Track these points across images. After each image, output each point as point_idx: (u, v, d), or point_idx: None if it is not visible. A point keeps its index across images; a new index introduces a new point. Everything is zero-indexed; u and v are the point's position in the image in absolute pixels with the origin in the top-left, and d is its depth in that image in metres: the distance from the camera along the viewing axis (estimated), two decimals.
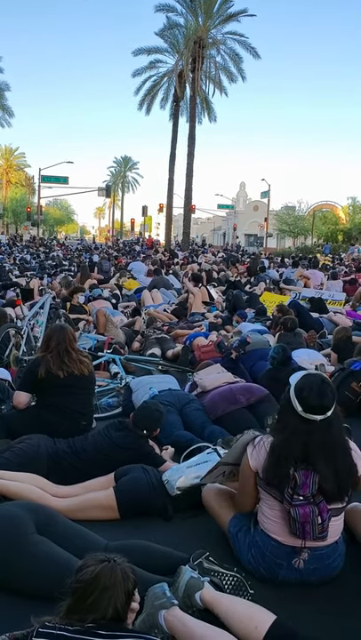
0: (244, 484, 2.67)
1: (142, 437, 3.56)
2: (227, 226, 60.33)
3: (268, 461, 2.45)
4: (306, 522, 2.33)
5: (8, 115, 37.81)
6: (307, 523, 2.33)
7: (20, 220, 57.19)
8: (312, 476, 2.37)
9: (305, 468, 2.39)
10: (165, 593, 2.13)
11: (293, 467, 2.39)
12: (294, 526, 2.36)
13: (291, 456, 2.40)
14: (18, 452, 3.40)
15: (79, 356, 4.05)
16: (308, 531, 2.34)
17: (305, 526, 2.33)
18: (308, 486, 2.35)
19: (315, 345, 7.42)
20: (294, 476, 2.37)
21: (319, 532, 2.35)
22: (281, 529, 2.46)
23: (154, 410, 3.69)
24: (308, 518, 2.32)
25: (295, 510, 2.34)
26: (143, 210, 52.93)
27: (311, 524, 2.33)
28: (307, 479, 2.36)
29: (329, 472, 2.37)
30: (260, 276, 15.56)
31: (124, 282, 14.15)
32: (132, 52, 33.27)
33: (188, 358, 6.68)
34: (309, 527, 2.33)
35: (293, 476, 2.37)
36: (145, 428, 3.57)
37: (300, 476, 2.37)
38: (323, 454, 2.39)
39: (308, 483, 2.36)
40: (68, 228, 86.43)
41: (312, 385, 2.42)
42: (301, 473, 2.37)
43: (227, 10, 31.36)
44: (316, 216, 46.17)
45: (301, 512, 2.33)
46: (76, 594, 1.76)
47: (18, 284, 11.40)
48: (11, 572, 2.34)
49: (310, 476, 2.37)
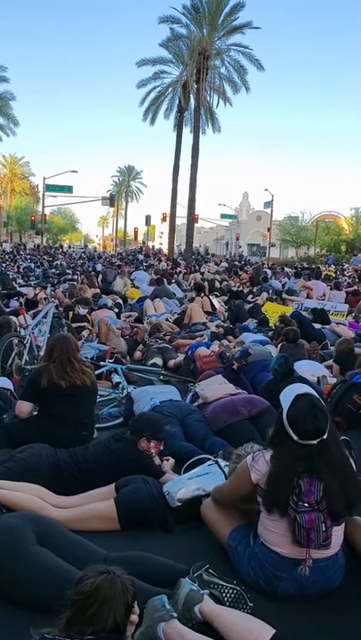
0: (235, 489, 2.70)
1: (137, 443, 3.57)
2: (230, 235, 60.41)
3: (272, 485, 2.45)
4: (311, 528, 2.34)
5: (13, 124, 38.09)
6: (312, 529, 2.34)
7: (24, 228, 57.42)
8: (316, 484, 2.39)
9: (309, 475, 2.40)
10: (165, 605, 2.12)
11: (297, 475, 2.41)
12: (299, 533, 2.36)
13: (291, 480, 2.42)
14: (19, 462, 3.41)
15: (82, 365, 4.06)
16: (313, 538, 2.35)
17: (310, 533, 2.35)
18: (313, 493, 2.38)
19: (317, 356, 7.40)
20: (299, 483, 2.39)
21: (323, 539, 2.36)
22: (282, 541, 2.46)
23: (155, 418, 3.75)
24: (313, 525, 2.34)
25: (301, 517, 2.35)
26: (146, 219, 53.06)
27: (316, 531, 2.34)
28: (311, 486, 2.38)
29: (336, 486, 2.41)
30: (263, 285, 15.58)
31: (126, 290, 14.20)
32: (137, 62, 33.56)
33: (189, 368, 6.69)
34: (314, 534, 2.35)
35: (298, 484, 2.39)
36: (143, 431, 3.57)
37: (304, 484, 2.39)
38: (328, 470, 2.43)
39: (313, 490, 2.38)
40: (71, 236, 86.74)
41: (305, 413, 2.48)
42: (306, 480, 2.39)
43: (231, 22, 31.59)
44: (319, 226, 46.27)
45: (307, 518, 2.35)
46: (75, 605, 1.77)
47: (22, 294, 11.46)
48: (10, 582, 2.34)
49: (315, 484, 2.39)
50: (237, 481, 2.66)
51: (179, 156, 35.31)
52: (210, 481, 3.17)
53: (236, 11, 30.99)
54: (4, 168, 64.01)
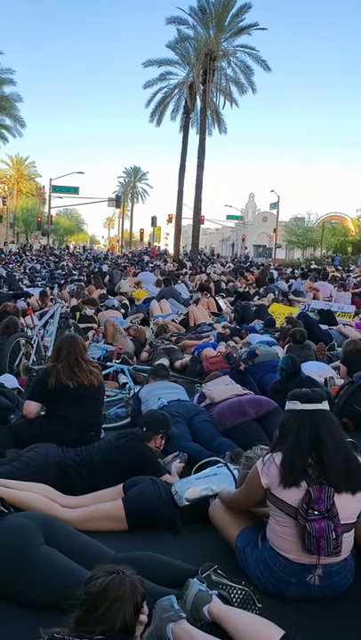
0: (249, 496, 2.69)
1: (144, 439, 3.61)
2: (235, 236, 60.37)
3: (284, 462, 2.46)
4: (321, 537, 2.32)
5: (20, 125, 38.23)
6: (322, 538, 2.32)
7: (30, 229, 57.68)
8: (326, 491, 2.37)
9: (319, 483, 2.39)
10: (173, 606, 2.12)
11: (307, 481, 2.39)
12: (309, 542, 2.34)
13: (304, 449, 2.45)
14: (27, 461, 3.42)
15: (89, 366, 4.07)
16: (323, 546, 2.33)
17: (320, 541, 2.33)
18: (323, 501, 2.36)
19: (324, 357, 7.38)
20: (309, 491, 2.37)
21: (334, 547, 2.34)
22: (292, 546, 2.45)
23: (167, 416, 3.82)
24: (323, 533, 2.32)
25: (311, 525, 2.33)
26: (152, 220, 53.20)
27: (326, 540, 2.33)
28: (321, 494, 2.36)
29: (340, 459, 2.43)
30: (269, 287, 15.57)
31: (133, 291, 14.22)
32: (143, 63, 33.68)
33: (196, 369, 6.68)
34: (324, 542, 2.33)
35: (308, 492, 2.37)
36: (150, 427, 3.64)
37: (314, 491, 2.37)
38: (333, 440, 2.47)
39: (323, 498, 2.36)
40: (77, 237, 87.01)
41: (302, 384, 2.71)
42: (316, 488, 2.37)
43: (238, 23, 31.66)
44: (325, 227, 46.16)
45: (317, 527, 2.33)
46: (84, 605, 1.76)
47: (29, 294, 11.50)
48: (19, 582, 2.34)
49: (325, 491, 2.37)
50: (249, 487, 2.65)
51: (185, 157, 35.41)
52: (218, 481, 3.17)
53: (242, 12, 31.11)
54: (10, 169, 64.30)
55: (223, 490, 3.02)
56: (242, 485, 2.76)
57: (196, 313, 10.08)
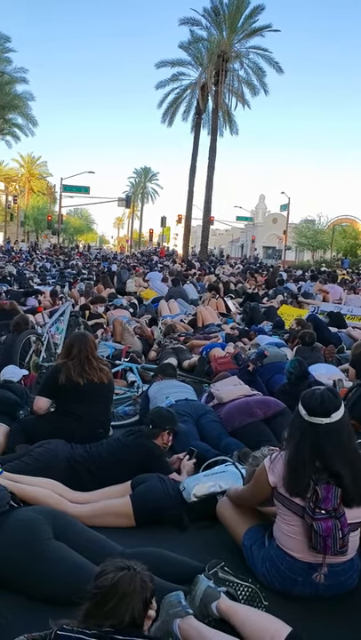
0: (256, 493, 2.70)
1: (152, 436, 3.63)
2: (245, 238, 60.31)
3: (288, 472, 2.47)
4: (328, 536, 2.33)
5: (32, 124, 38.45)
6: (329, 537, 2.33)
7: (40, 228, 57.94)
8: (333, 490, 2.37)
9: (326, 482, 2.39)
10: (180, 601, 2.14)
11: (314, 480, 2.40)
12: (316, 540, 2.35)
13: (306, 462, 2.42)
14: (36, 457, 3.46)
15: (99, 364, 4.10)
16: (330, 545, 2.34)
17: (327, 540, 2.34)
18: (330, 500, 2.36)
19: (333, 360, 7.37)
20: (316, 490, 2.38)
21: (340, 546, 2.35)
22: (298, 545, 2.46)
23: (173, 413, 3.85)
24: (330, 532, 2.33)
25: (318, 524, 2.34)
26: (162, 220, 53.20)
27: (333, 539, 2.33)
28: (328, 493, 2.37)
29: (348, 474, 2.39)
30: (278, 288, 15.54)
31: (141, 291, 14.26)
32: (156, 64, 33.76)
33: (204, 369, 6.69)
34: (331, 541, 2.33)
35: (315, 491, 2.38)
36: (155, 424, 3.67)
37: (321, 491, 2.37)
38: (338, 457, 2.41)
39: (330, 497, 2.36)
40: (87, 237, 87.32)
41: (316, 391, 2.53)
42: (323, 487, 2.38)
43: (251, 24, 31.64)
44: (335, 230, 45.96)
45: (324, 526, 2.34)
46: (94, 599, 1.79)
47: (40, 292, 11.57)
48: (28, 576, 2.37)
49: (332, 490, 2.37)
50: (256, 484, 2.66)
51: (196, 158, 35.40)
52: (226, 478, 3.18)
53: (255, 13, 31.09)
54: (21, 168, 64.65)
55: (231, 487, 3.03)
56: (249, 482, 2.77)
57: (205, 313, 10.09)
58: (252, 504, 2.82)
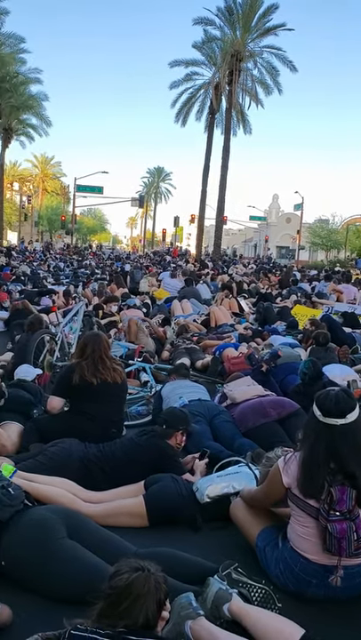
0: (269, 494, 2.69)
1: (165, 437, 3.64)
2: (258, 237, 60.05)
3: (302, 474, 2.45)
4: (343, 538, 2.31)
5: (46, 124, 38.62)
6: (343, 539, 2.31)
7: (54, 228, 58.31)
8: (348, 492, 2.35)
9: (341, 483, 2.37)
10: (191, 603, 2.13)
11: (328, 482, 2.38)
12: (330, 542, 2.33)
13: (320, 463, 2.40)
14: (50, 456, 3.47)
15: (113, 363, 4.11)
16: (345, 547, 2.32)
17: (341, 542, 2.32)
18: (345, 502, 2.34)
19: (347, 360, 7.31)
20: (330, 491, 2.36)
21: (355, 548, 2.33)
22: (313, 547, 2.44)
23: (178, 411, 3.86)
24: (345, 534, 2.31)
25: (332, 526, 2.32)
26: (175, 220, 53.20)
27: (348, 541, 2.32)
28: (343, 495, 2.35)
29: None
30: (292, 288, 15.45)
31: (154, 291, 14.28)
32: (169, 63, 33.75)
33: (217, 369, 6.68)
34: (345, 543, 2.32)
35: (330, 492, 2.36)
36: (169, 424, 3.68)
37: (336, 492, 2.35)
38: (353, 458, 2.39)
39: (345, 498, 2.34)
40: (100, 237, 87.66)
41: (330, 392, 2.52)
42: (338, 489, 2.36)
43: (265, 24, 31.48)
44: (349, 230, 45.58)
45: (339, 528, 2.32)
46: (108, 599, 1.79)
47: (54, 291, 11.63)
48: (41, 575, 2.38)
49: (347, 492, 2.35)
50: (270, 485, 2.65)
51: (209, 158, 35.38)
52: (240, 479, 3.17)
53: (269, 12, 30.92)
54: (35, 168, 65.13)
55: (244, 488, 3.02)
56: (263, 483, 2.76)
57: (218, 313, 10.06)
58: (266, 505, 2.81)
